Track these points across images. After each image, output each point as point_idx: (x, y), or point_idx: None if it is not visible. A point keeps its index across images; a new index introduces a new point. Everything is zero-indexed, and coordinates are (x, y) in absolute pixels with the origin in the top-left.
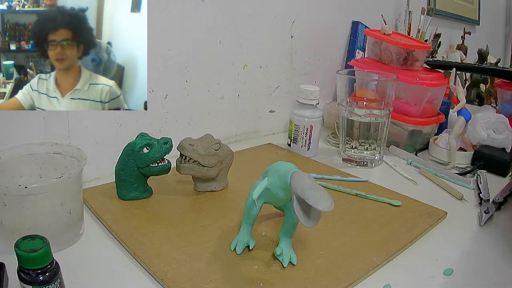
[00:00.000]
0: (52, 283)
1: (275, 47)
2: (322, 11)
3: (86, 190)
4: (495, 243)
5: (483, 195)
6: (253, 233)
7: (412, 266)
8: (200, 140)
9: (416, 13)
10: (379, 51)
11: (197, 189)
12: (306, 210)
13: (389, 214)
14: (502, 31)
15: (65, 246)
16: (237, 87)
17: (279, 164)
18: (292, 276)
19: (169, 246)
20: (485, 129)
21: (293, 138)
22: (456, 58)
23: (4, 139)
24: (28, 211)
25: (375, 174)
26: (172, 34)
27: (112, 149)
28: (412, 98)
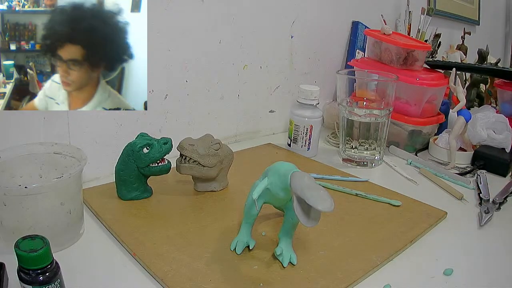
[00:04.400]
0: (52, 283)
1: (275, 47)
2: (322, 11)
3: (86, 190)
4: (495, 243)
5: (483, 195)
6: (253, 233)
7: (412, 266)
8: (200, 140)
9: (416, 13)
10: (379, 51)
11: (197, 189)
12: (306, 210)
13: (389, 214)
14: (502, 31)
15: (65, 246)
16: (237, 87)
17: (279, 164)
18: (292, 276)
19: (169, 246)
20: (485, 129)
21: (293, 138)
22: (456, 58)
23: (4, 139)
24: (28, 211)
25: (375, 174)
26: (172, 34)
27: (112, 149)
28: (412, 98)
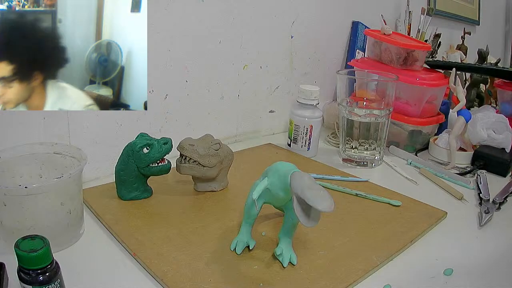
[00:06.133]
0: (52, 283)
1: (275, 47)
2: (322, 11)
3: (86, 190)
4: (495, 243)
5: (483, 195)
6: (253, 233)
7: (412, 266)
8: (200, 140)
9: (416, 13)
10: (379, 51)
11: (197, 189)
12: (306, 210)
13: (389, 214)
14: (502, 31)
15: (65, 246)
16: (237, 87)
17: (279, 164)
18: (292, 276)
19: (169, 246)
20: (485, 129)
21: (293, 138)
22: (456, 58)
23: (4, 139)
24: (28, 211)
25: (375, 174)
26: (172, 34)
27: (112, 149)
28: (412, 98)
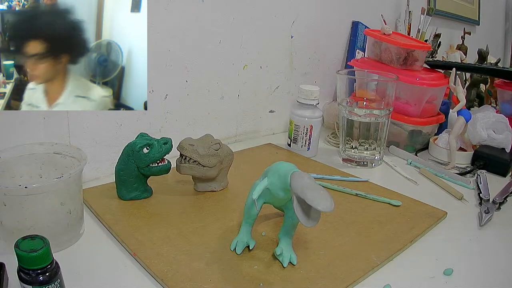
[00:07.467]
0: (52, 283)
1: (275, 47)
2: (322, 11)
3: (86, 190)
4: (495, 243)
5: (483, 195)
6: (253, 233)
7: (412, 266)
8: (200, 140)
9: (416, 13)
10: (379, 51)
11: (197, 189)
12: (306, 210)
13: (389, 214)
14: (502, 31)
15: (65, 246)
16: (237, 87)
17: (279, 164)
18: (292, 276)
19: (169, 246)
20: (485, 129)
21: (293, 138)
22: (456, 58)
23: (4, 139)
24: (28, 211)
25: (375, 174)
26: (172, 34)
27: (112, 149)
28: (412, 98)
